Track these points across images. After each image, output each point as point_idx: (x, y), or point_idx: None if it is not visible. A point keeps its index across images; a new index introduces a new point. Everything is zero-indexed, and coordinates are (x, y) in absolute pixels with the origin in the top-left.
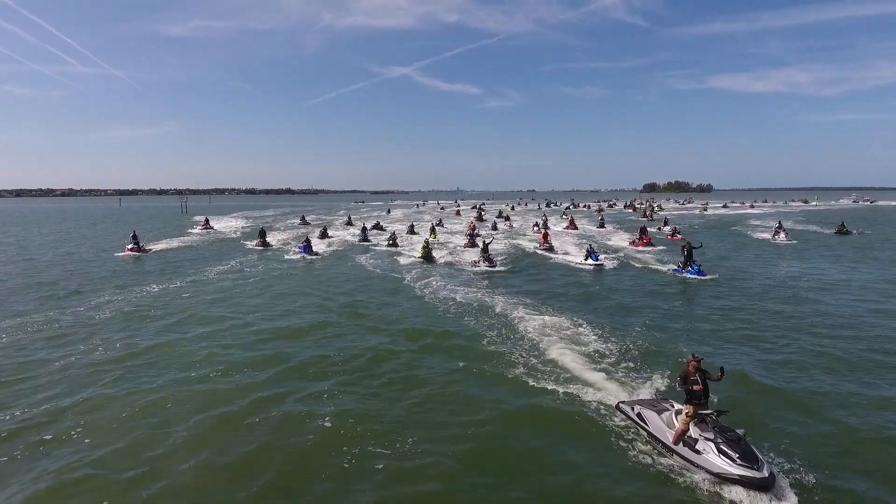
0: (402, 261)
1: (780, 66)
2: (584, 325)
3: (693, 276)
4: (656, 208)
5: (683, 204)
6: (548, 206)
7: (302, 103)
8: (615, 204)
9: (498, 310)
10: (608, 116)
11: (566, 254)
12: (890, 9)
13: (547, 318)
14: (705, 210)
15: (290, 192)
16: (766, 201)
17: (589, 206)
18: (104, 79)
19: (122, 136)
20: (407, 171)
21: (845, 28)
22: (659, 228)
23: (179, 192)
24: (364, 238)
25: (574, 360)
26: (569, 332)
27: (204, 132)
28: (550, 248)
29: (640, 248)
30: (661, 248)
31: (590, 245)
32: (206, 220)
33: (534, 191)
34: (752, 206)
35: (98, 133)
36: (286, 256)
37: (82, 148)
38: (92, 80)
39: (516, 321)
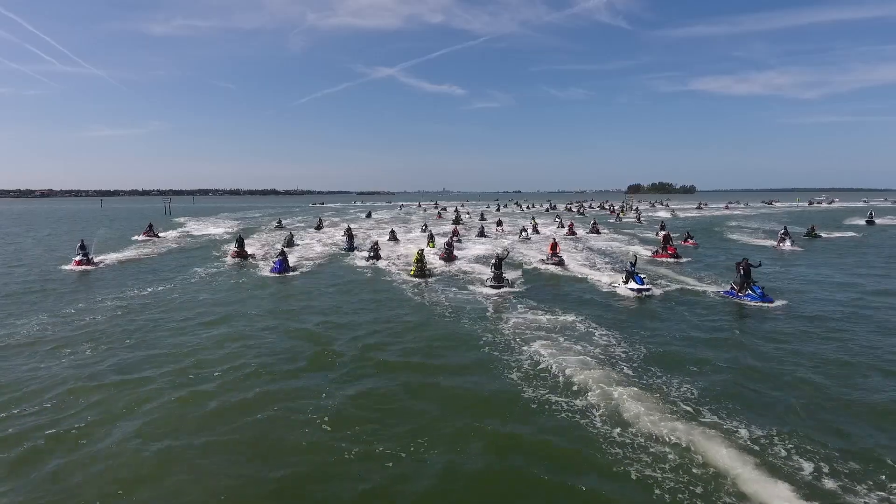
0: (393, 277)
1: (761, 69)
2: (682, 397)
3: (755, 303)
4: (631, 208)
5: (653, 205)
6: (528, 207)
7: (287, 104)
8: (583, 205)
9: (544, 367)
10: (593, 118)
11: (561, 266)
12: (868, 13)
13: (618, 382)
14: (674, 214)
15: (275, 192)
16: (738, 203)
17: (570, 209)
18: (85, 78)
19: (104, 137)
20: (394, 171)
21: (825, 32)
22: (656, 234)
23: (162, 193)
24: (351, 247)
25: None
26: (670, 413)
27: (188, 132)
28: (561, 263)
29: (665, 259)
30: (686, 259)
31: (630, 264)
32: (150, 227)
33: (520, 192)
34: (726, 208)
35: (79, 133)
36: (260, 273)
37: (62, 148)
38: (72, 80)
39: (571, 384)
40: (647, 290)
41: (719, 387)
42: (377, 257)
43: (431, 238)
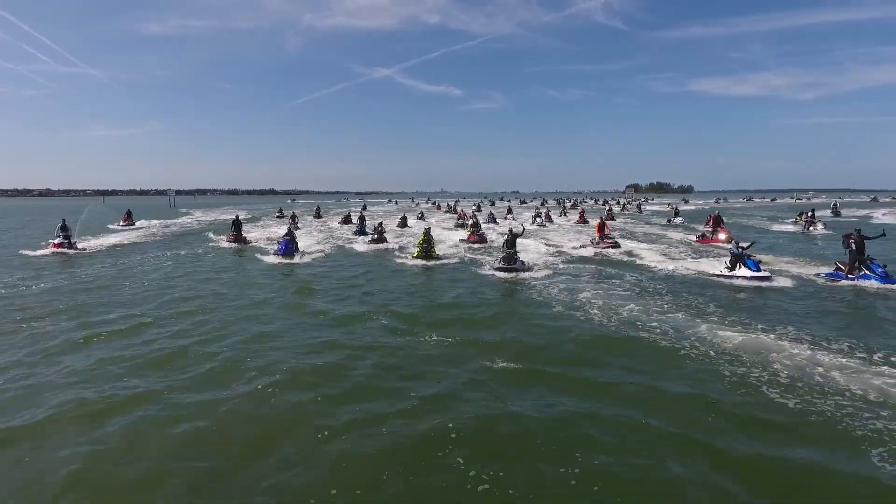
0: (394, 259)
1: (758, 70)
2: None
3: (879, 286)
4: (631, 203)
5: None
6: (521, 203)
7: (285, 104)
8: (567, 202)
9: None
10: (592, 119)
11: (616, 248)
12: (864, 15)
13: None
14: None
15: (273, 192)
16: (726, 200)
17: (563, 206)
18: (81, 78)
19: (101, 137)
20: (392, 172)
21: (822, 33)
22: (669, 220)
23: (160, 193)
24: (362, 230)
25: None
26: None
27: (185, 133)
28: (616, 245)
29: (716, 244)
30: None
31: (736, 243)
32: (128, 214)
33: (518, 192)
34: (717, 202)
35: (76, 133)
36: (266, 261)
37: (59, 148)
38: (68, 80)
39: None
40: (767, 277)
41: None
42: (382, 240)
43: (475, 224)
